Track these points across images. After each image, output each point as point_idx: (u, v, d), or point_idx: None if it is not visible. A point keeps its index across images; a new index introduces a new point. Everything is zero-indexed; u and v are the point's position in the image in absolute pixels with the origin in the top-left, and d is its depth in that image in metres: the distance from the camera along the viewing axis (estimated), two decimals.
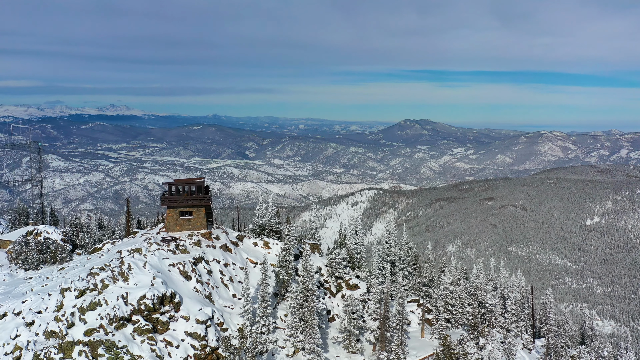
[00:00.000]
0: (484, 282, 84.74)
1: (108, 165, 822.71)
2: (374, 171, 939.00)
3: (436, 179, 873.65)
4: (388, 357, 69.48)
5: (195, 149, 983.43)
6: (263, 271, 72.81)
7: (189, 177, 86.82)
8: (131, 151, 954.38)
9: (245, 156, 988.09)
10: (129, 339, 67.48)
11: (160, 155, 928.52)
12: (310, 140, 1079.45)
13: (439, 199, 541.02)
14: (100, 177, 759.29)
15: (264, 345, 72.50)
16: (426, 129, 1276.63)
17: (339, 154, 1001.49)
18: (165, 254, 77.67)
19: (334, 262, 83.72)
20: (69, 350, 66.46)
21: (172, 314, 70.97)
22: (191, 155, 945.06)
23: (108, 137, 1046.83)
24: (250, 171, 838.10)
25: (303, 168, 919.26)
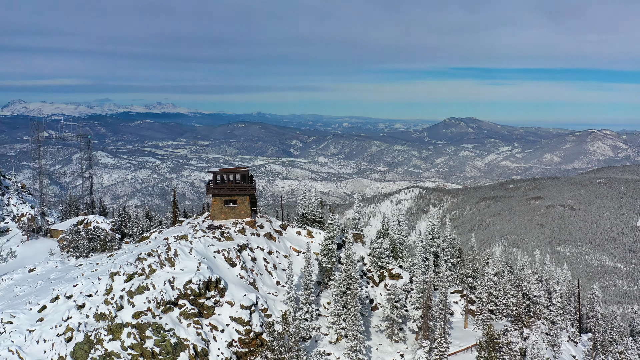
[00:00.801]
0: (529, 274, 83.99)
1: (155, 162, 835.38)
2: (418, 169, 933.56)
3: (482, 178, 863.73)
4: (430, 346, 69.57)
5: (240, 146, 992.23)
6: (306, 259, 73.64)
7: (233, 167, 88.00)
8: (177, 148, 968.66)
9: (289, 154, 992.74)
10: (175, 322, 69.03)
11: (205, 153, 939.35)
12: (354, 138, 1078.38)
13: (484, 198, 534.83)
14: (148, 174, 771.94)
15: (308, 332, 73.37)
16: (471, 127, 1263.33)
17: (383, 152, 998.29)
18: (210, 241, 79.14)
19: (376, 252, 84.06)
20: (118, 332, 68.32)
21: (217, 299, 72.30)
22: (236, 153, 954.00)
23: (155, 135, 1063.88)
24: (294, 169, 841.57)
25: (347, 166, 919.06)
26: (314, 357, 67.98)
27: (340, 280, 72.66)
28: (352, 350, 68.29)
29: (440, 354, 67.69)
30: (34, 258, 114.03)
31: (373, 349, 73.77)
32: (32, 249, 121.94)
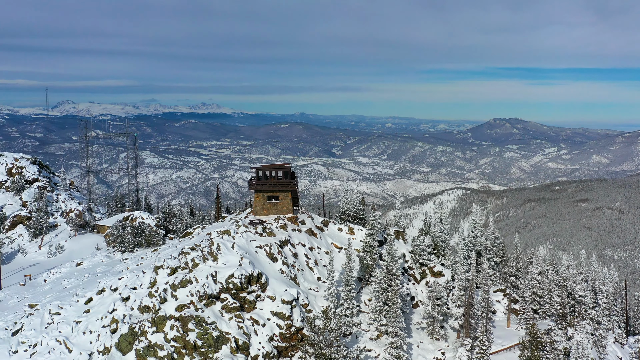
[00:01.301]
0: (574, 274, 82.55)
1: (199, 162, 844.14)
2: (462, 170, 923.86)
3: (527, 180, 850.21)
4: (472, 344, 68.92)
5: (282, 146, 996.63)
6: (347, 255, 73.72)
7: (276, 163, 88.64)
8: (221, 148, 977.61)
9: (332, 154, 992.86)
10: (217, 315, 69.82)
11: (249, 153, 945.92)
12: (397, 138, 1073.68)
13: (529, 200, 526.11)
14: (192, 174, 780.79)
15: (348, 328, 73.46)
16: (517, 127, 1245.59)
17: (426, 152, 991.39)
18: (252, 236, 79.85)
19: (418, 249, 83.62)
20: (161, 324, 69.43)
21: (258, 293, 72.89)
22: (279, 153, 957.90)
23: (199, 135, 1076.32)
24: (336, 169, 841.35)
25: (389, 167, 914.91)
26: (354, 352, 67.88)
27: (381, 277, 72.49)
28: (393, 347, 68.06)
29: (482, 352, 66.96)
30: (81, 253, 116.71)
31: (414, 346, 73.42)
32: (79, 244, 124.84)
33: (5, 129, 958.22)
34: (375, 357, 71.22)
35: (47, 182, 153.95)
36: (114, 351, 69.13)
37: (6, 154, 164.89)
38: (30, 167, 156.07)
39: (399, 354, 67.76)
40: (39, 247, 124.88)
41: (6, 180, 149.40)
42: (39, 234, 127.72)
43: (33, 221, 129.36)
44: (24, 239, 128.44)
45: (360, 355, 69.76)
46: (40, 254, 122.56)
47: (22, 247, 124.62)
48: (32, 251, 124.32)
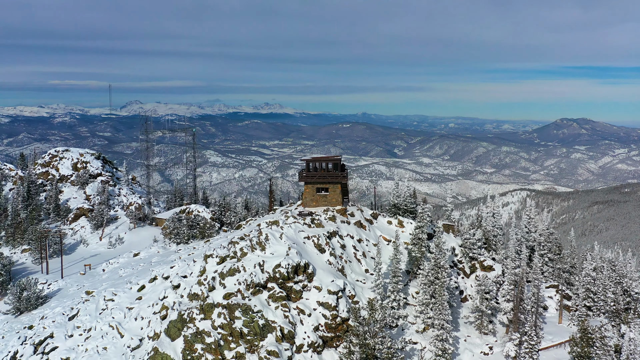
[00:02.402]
0: (632, 270, 79.83)
1: (261, 161, 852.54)
2: (526, 172, 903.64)
3: (595, 181, 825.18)
4: (520, 339, 67.53)
5: (344, 146, 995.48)
6: (394, 247, 73.36)
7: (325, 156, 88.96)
8: (283, 148, 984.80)
9: (394, 154, 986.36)
10: (264, 304, 70.54)
11: (310, 153, 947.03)
12: (460, 139, 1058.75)
13: (597, 202, 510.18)
14: (254, 173, 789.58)
15: (394, 320, 73.11)
16: (585, 128, 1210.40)
17: (490, 153, 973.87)
18: (300, 227, 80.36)
19: (468, 243, 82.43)
20: (209, 311, 70.63)
21: (305, 283, 73.27)
22: (340, 153, 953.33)
23: (262, 134, 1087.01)
24: (398, 169, 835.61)
25: (452, 167, 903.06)
26: (399, 344, 67.59)
27: (428, 270, 71.83)
28: (438, 340, 67.38)
29: (530, 347, 65.53)
30: (139, 244, 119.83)
31: (461, 340, 72.48)
32: (138, 235, 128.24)
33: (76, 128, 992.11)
34: (422, 349, 70.66)
35: (110, 176, 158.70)
36: (163, 337, 70.73)
37: (72, 149, 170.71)
38: (94, 162, 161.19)
39: (444, 347, 67.02)
40: (100, 238, 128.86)
41: (72, 174, 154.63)
42: (100, 226, 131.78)
43: (95, 214, 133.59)
44: (86, 231, 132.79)
45: (405, 346, 69.49)
46: (100, 245, 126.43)
47: (84, 239, 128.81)
48: (93, 242, 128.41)
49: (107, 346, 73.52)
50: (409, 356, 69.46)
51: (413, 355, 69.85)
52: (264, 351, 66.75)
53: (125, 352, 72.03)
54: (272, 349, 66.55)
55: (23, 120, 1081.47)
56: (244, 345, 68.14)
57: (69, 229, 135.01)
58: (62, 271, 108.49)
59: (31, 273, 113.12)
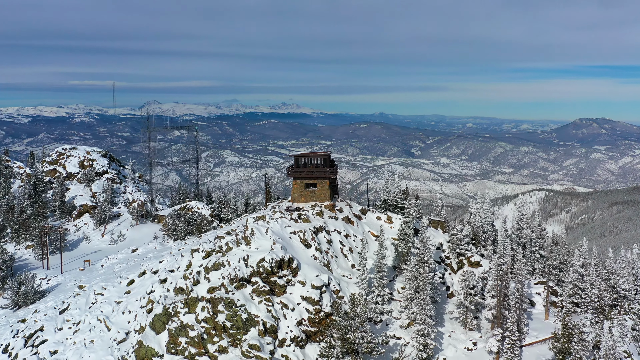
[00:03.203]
0: (621, 267, 79.00)
1: (278, 161, 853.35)
2: (545, 172, 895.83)
3: (614, 182, 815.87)
4: (502, 334, 67.15)
5: (361, 146, 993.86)
6: (379, 242, 73.37)
7: (314, 151, 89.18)
8: (300, 148, 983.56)
9: (411, 154, 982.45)
10: (247, 298, 70.85)
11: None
12: (478, 139, 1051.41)
13: (617, 203, 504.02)
14: (271, 173, 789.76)
15: (379, 315, 73.11)
16: (604, 128, 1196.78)
17: (508, 153, 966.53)
18: (287, 222, 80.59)
19: (455, 238, 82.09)
20: (193, 305, 71.10)
21: (289, 278, 73.51)
22: (357, 153, 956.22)
23: (279, 134, 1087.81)
24: (415, 169, 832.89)
25: (470, 167, 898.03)
26: (380, 338, 67.53)
27: (413, 265, 71.71)
28: (420, 335, 67.24)
29: (511, 343, 65.26)
30: (141, 240, 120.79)
31: (445, 336, 72.29)
32: (140, 232, 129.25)
33: (95, 128, 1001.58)
34: (405, 344, 70.55)
35: (115, 174, 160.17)
36: (148, 330, 71.28)
37: (79, 147, 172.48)
38: (100, 160, 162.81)
39: (426, 342, 66.90)
40: (102, 235, 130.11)
41: (78, 172, 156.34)
42: (103, 223, 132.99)
43: (97, 210, 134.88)
44: (89, 227, 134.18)
45: (387, 341, 69.40)
46: (102, 242, 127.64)
47: (87, 235, 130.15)
48: (95, 239, 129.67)
49: (94, 339, 74.30)
50: (391, 351, 69.39)
51: (396, 350, 69.74)
52: (246, 345, 67.03)
53: (112, 345, 72.73)
54: (254, 343, 66.82)
55: (43, 120, 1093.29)
56: (227, 339, 68.50)
57: (72, 226, 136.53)
58: (61, 267, 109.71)
59: (33, 269, 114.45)
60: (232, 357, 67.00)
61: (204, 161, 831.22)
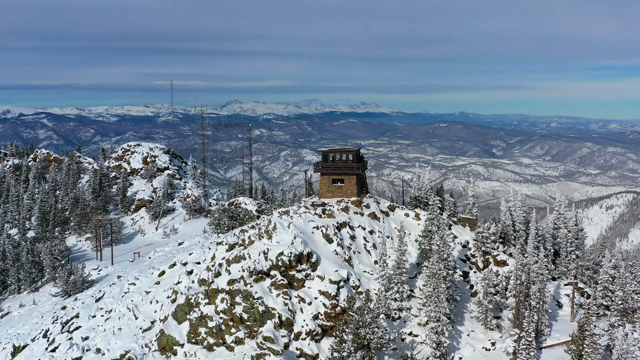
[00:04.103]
0: None
1: None
2: (634, 174, 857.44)
3: None
4: (519, 335, 65.35)
5: (440, 146, 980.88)
6: (399, 238, 72.84)
7: (342, 147, 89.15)
8: (379, 147, 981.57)
9: (492, 154, 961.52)
10: (265, 291, 71.85)
11: (406, 152, 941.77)
12: (562, 139, 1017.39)
13: None
14: None
15: (397, 312, 72.66)
16: None
17: (594, 154, 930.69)
18: (311, 217, 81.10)
19: (481, 237, 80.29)
20: (213, 296, 72.81)
21: (308, 272, 74.01)
22: (436, 153, 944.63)
23: (357, 134, 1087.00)
24: (496, 170, 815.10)
25: (553, 168, 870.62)
26: (392, 335, 67.18)
27: (433, 262, 70.83)
28: (433, 332, 66.37)
29: (527, 343, 63.51)
30: (191, 234, 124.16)
31: (464, 334, 70.96)
32: (191, 226, 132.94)
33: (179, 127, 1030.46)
34: (422, 342, 69.78)
35: (176, 170, 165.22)
36: (171, 320, 73.53)
37: (143, 144, 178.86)
38: (162, 157, 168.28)
39: (440, 340, 65.97)
40: (156, 228, 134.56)
41: (142, 168, 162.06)
42: (158, 217, 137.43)
43: (153, 205, 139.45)
44: (145, 221, 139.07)
45: (400, 337, 69.06)
46: (156, 235, 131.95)
47: (142, 229, 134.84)
48: (149, 232, 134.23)
49: (122, 327, 77.21)
50: (407, 348, 68.76)
51: (412, 348, 69.06)
52: (260, 337, 68.05)
53: (137, 333, 75.42)
54: (268, 335, 67.75)
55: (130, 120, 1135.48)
56: (244, 331, 69.84)
57: (130, 219, 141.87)
58: (112, 258, 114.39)
59: (88, 259, 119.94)
60: (247, 348, 68.24)
61: (283, 160, 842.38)
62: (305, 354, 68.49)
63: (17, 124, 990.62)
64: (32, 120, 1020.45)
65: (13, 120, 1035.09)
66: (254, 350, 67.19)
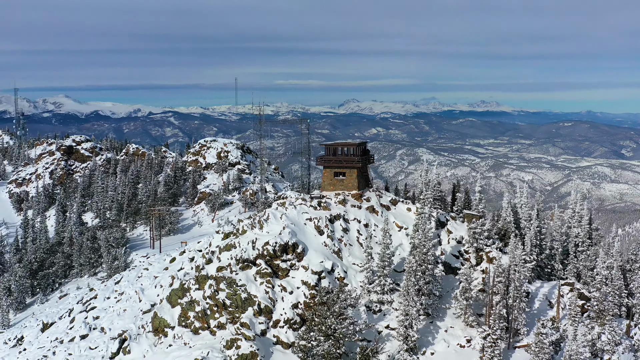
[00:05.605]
0: None
1: (474, 160, 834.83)
2: None
3: None
4: (487, 333, 63.33)
5: (564, 146, 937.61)
6: (383, 231, 72.69)
7: (344, 141, 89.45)
8: (498, 147, 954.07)
9: (621, 155, 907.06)
10: (250, 279, 74.04)
11: (527, 152, 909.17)
12: None
13: None
14: (466, 172, 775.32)
15: (378, 305, 72.61)
16: None
17: None
18: (305, 209, 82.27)
19: (473, 232, 77.79)
20: (202, 282, 75.98)
21: (293, 262, 75.48)
22: (560, 153, 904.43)
23: (476, 133, 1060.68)
24: (624, 172, 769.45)
25: None
26: (360, 325, 67.42)
27: (408, 256, 70.15)
28: (401, 325, 65.68)
29: (492, 341, 61.67)
30: None
31: (441, 330, 69.49)
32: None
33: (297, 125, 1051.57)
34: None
35: (246, 165, 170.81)
36: (165, 303, 77.63)
37: (219, 139, 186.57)
38: (234, 152, 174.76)
39: (408, 333, 65.25)
40: (212, 220, 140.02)
41: (215, 162, 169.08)
42: (215, 209, 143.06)
43: (211, 197, 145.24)
44: (204, 213, 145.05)
45: (376, 330, 68.94)
46: (212, 227, 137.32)
47: (201, 220, 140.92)
48: (206, 224, 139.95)
49: (127, 309, 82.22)
50: (383, 341, 68.64)
51: (388, 340, 68.86)
52: (239, 323, 70.37)
53: (137, 315, 79.94)
54: (245, 321, 70.02)
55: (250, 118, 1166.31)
56: (226, 316, 72.50)
57: (192, 211, 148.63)
58: (160, 247, 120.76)
59: (144, 247, 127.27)
60: (227, 333, 70.77)
61: (399, 159, 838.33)
62: (281, 341, 70.14)
63: (146, 122, 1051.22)
64: (160, 119, 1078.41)
65: (143, 119, 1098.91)
66: (231, 335, 69.59)
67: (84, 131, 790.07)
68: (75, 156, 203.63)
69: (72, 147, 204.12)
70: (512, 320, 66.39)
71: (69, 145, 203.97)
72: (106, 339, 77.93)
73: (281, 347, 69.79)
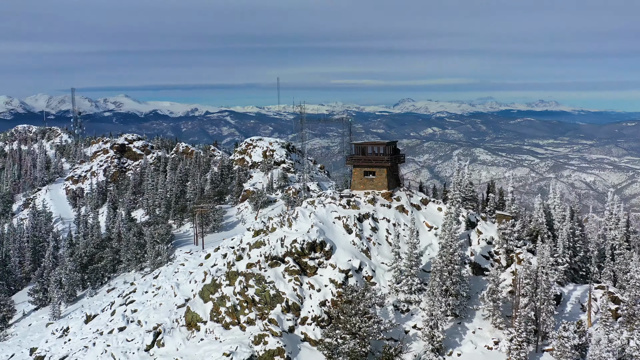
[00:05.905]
0: None
1: (533, 160, 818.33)
2: None
3: None
4: (515, 336, 62.50)
5: (628, 147, 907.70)
6: (411, 231, 72.60)
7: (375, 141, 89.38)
8: (558, 147, 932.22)
9: None
10: (278, 276, 74.99)
11: (588, 153, 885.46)
12: None
13: None
14: (525, 172, 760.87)
15: (405, 305, 72.49)
16: None
17: None
18: (335, 208, 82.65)
19: (502, 233, 76.58)
20: (233, 279, 77.35)
21: (321, 260, 76.03)
22: (623, 154, 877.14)
23: (535, 133, 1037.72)
24: None
25: None
26: (385, 324, 67.41)
27: (435, 256, 69.84)
28: (426, 325, 65.48)
29: (518, 343, 60.90)
30: None
31: (468, 331, 68.86)
32: None
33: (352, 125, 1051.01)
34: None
35: (291, 164, 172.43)
36: (197, 298, 79.32)
37: (265, 139, 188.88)
38: (279, 151, 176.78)
39: (433, 334, 65.00)
40: (255, 218, 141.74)
41: (261, 161, 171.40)
42: (258, 207, 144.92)
43: (255, 195, 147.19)
44: (248, 211, 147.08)
45: (403, 330, 68.93)
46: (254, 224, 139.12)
47: (244, 218, 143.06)
48: (249, 221, 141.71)
49: (162, 303, 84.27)
50: (409, 340, 68.65)
51: (414, 340, 68.78)
52: (267, 319, 71.44)
53: (172, 309, 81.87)
54: (273, 318, 71.02)
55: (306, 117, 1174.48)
56: (256, 312, 73.65)
57: (236, 209, 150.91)
58: (202, 243, 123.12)
59: (188, 244, 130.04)
60: (255, 329, 71.89)
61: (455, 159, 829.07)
62: (309, 338, 70.85)
63: (203, 121, 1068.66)
64: (217, 118, 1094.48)
65: (200, 118, 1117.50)
66: (259, 331, 70.68)
67: (143, 130, 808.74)
68: (127, 154, 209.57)
69: (125, 146, 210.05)
70: (540, 323, 65.33)
71: (122, 144, 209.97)
72: (142, 331, 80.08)
73: (308, 344, 70.48)
